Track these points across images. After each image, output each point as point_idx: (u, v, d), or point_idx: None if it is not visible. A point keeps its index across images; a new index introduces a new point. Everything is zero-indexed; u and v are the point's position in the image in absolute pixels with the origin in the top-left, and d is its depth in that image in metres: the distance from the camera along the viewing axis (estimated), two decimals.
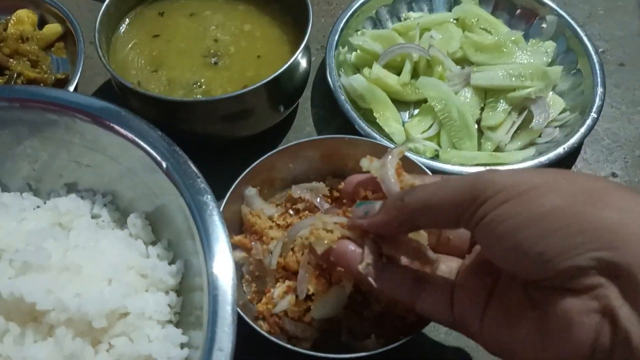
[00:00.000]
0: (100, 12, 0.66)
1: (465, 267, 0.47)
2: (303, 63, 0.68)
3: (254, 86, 0.61)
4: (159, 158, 0.55)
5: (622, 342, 0.34)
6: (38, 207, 0.61)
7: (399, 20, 0.81)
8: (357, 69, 0.76)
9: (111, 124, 0.58)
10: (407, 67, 0.72)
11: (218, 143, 0.70)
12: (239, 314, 0.50)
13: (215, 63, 0.68)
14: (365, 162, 0.50)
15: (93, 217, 0.61)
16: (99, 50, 0.63)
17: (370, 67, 0.73)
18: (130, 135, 0.57)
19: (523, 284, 0.40)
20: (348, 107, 0.69)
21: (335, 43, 0.74)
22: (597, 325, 0.35)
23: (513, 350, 0.40)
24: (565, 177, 0.38)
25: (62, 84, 0.74)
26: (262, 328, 0.54)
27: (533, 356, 0.39)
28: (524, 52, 0.73)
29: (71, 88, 0.71)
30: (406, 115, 0.73)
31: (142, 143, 0.56)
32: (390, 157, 0.48)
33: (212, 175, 0.56)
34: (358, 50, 0.75)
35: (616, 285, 0.34)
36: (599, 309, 0.35)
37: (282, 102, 0.67)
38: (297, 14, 0.70)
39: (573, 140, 0.66)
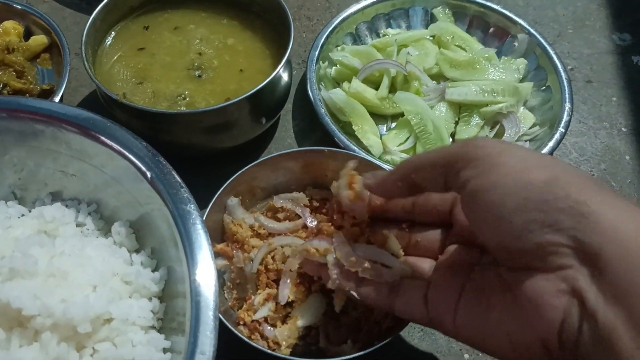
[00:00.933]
0: (87, 25, 0.68)
1: (439, 265, 0.49)
2: (285, 77, 0.71)
3: (237, 99, 0.63)
4: (143, 168, 0.57)
5: (589, 322, 0.36)
6: (23, 215, 0.63)
7: (378, 36, 0.83)
8: (336, 83, 0.78)
9: (97, 135, 0.59)
10: (385, 82, 0.75)
11: (201, 154, 0.72)
12: (220, 319, 0.52)
13: (199, 76, 0.70)
14: (333, 187, 0.55)
15: (78, 225, 0.62)
16: (86, 62, 0.65)
17: (350, 81, 0.76)
18: (115, 145, 0.59)
19: (496, 270, 0.43)
20: (328, 120, 0.71)
21: (315, 58, 0.76)
22: (565, 306, 0.37)
23: (486, 336, 0.43)
24: (550, 157, 0.42)
25: (48, 94, 0.75)
26: (242, 334, 0.55)
27: (505, 339, 0.41)
28: (497, 68, 0.76)
29: (57, 99, 0.72)
30: (384, 128, 0.76)
31: (127, 153, 0.58)
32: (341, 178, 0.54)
33: (195, 185, 0.58)
34: (338, 65, 0.78)
35: (586, 268, 0.37)
36: (568, 291, 0.37)
37: (263, 114, 0.69)
38: (279, 29, 0.72)
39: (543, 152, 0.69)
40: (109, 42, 0.73)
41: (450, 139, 0.73)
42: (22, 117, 0.61)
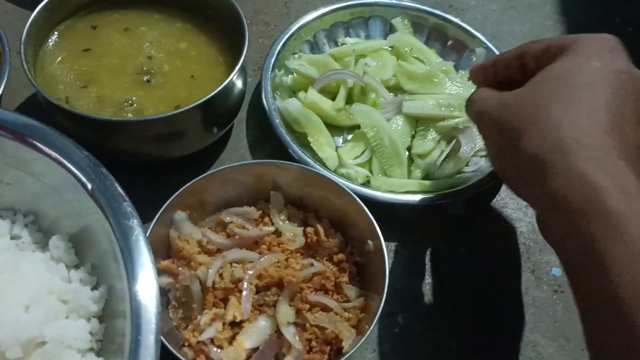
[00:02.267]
0: (28, 23, 0.64)
1: None
2: (239, 84, 0.68)
3: (187, 107, 0.60)
4: (84, 179, 0.54)
5: None
6: None
7: (336, 44, 0.82)
8: (292, 92, 0.76)
9: (35, 142, 0.56)
10: (342, 93, 0.73)
11: (148, 164, 0.69)
12: (162, 342, 0.49)
13: (148, 81, 0.67)
14: None
15: (12, 237, 0.58)
16: (25, 63, 0.61)
17: (306, 91, 0.74)
18: (54, 154, 0.55)
19: None
20: (282, 130, 0.69)
21: (271, 65, 0.74)
22: None
23: None
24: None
25: None
26: (187, 356, 0.53)
27: None
28: (454, 82, 0.75)
29: None
30: (340, 140, 0.74)
31: (67, 163, 0.55)
32: None
33: (141, 197, 0.55)
34: (294, 74, 0.76)
35: None
36: None
37: (215, 123, 0.67)
38: (234, 34, 0.70)
39: None
40: (52, 42, 0.69)
41: (407, 153, 0.71)
42: None
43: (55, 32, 0.69)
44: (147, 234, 0.52)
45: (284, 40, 0.76)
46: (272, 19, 0.86)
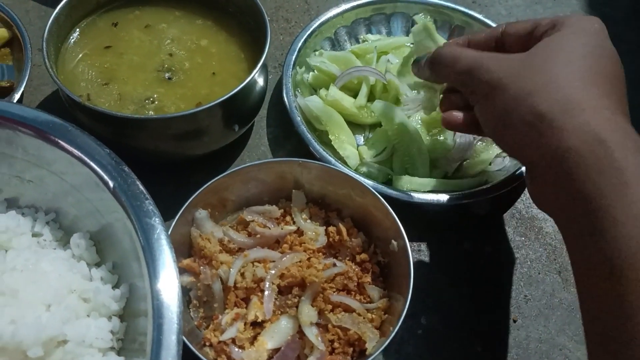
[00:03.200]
0: (50, 21, 0.64)
1: None
2: (260, 82, 0.68)
3: (208, 105, 0.60)
4: (106, 177, 0.53)
5: None
6: None
7: (357, 41, 0.81)
8: (313, 89, 0.75)
9: (57, 140, 0.55)
10: (364, 91, 0.72)
11: (169, 161, 0.68)
12: (184, 342, 0.49)
13: (169, 78, 0.66)
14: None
15: (34, 235, 0.58)
16: (47, 61, 0.61)
17: (327, 88, 0.73)
18: (76, 152, 0.55)
19: None
20: (303, 128, 0.69)
21: (292, 63, 0.73)
22: None
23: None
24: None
25: (7, 92, 0.70)
26: (208, 356, 0.52)
27: None
28: None
29: (16, 96, 0.68)
30: (361, 138, 0.73)
31: (88, 161, 0.54)
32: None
33: (162, 194, 0.55)
34: (315, 71, 0.75)
35: None
36: None
37: (237, 121, 0.66)
38: (255, 31, 0.69)
39: (523, 169, 0.67)
40: (74, 39, 0.69)
41: None
42: None
43: (77, 30, 0.69)
44: (169, 233, 0.52)
45: (304, 37, 0.75)
46: (293, 16, 0.85)
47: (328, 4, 0.86)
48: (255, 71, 0.62)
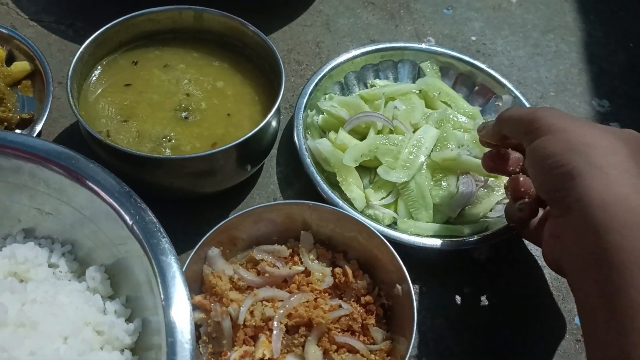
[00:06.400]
0: (74, 60, 0.66)
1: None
2: (273, 124, 0.70)
3: (224, 147, 0.62)
4: (124, 215, 0.55)
5: None
6: None
7: (366, 86, 0.84)
8: (323, 131, 0.78)
9: (79, 176, 0.58)
10: (371, 135, 0.75)
11: (182, 198, 0.70)
12: None
13: (186, 118, 0.69)
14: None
15: (50, 266, 0.60)
16: (71, 99, 0.63)
17: (336, 131, 0.76)
18: (97, 189, 0.57)
19: None
20: (313, 169, 0.71)
21: (304, 105, 0.76)
22: None
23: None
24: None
25: (27, 123, 0.73)
26: None
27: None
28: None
29: (37, 128, 0.70)
30: (367, 181, 0.75)
31: (109, 198, 0.57)
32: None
33: (174, 227, 0.57)
34: (325, 114, 0.78)
35: None
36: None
37: (249, 161, 0.69)
38: (269, 74, 0.72)
39: None
40: (95, 76, 0.71)
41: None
42: (2, 152, 0.59)
43: (99, 67, 0.72)
44: (183, 271, 0.54)
45: (315, 81, 0.78)
46: (304, 58, 0.88)
47: (338, 48, 0.90)
48: (269, 116, 0.65)
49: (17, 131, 0.72)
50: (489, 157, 0.67)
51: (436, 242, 0.67)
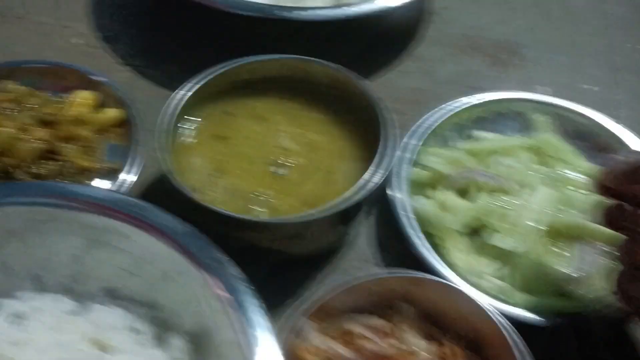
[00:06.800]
0: (165, 110, 0.64)
1: None
2: (373, 182, 0.65)
3: (322, 214, 0.57)
4: (219, 289, 0.51)
5: None
6: (73, 312, 0.58)
7: (469, 137, 0.77)
8: (422, 187, 0.72)
9: (173, 241, 0.54)
10: (478, 196, 0.68)
11: (273, 259, 0.66)
12: None
13: (281, 174, 0.64)
14: None
15: (132, 330, 0.57)
16: (160, 151, 0.61)
17: (438, 188, 0.70)
18: (194, 257, 0.53)
19: None
20: (411, 230, 0.65)
21: (404, 160, 0.70)
22: None
23: None
24: None
25: (114, 174, 0.71)
26: None
27: None
28: None
29: (125, 179, 0.68)
30: (471, 245, 0.68)
31: (205, 270, 0.53)
32: None
33: (262, 289, 0.52)
34: (426, 169, 0.72)
35: None
36: None
37: (345, 222, 0.63)
38: (370, 127, 0.67)
39: None
40: (187, 127, 0.68)
41: None
42: (93, 210, 0.56)
43: (191, 117, 0.69)
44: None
45: (416, 133, 0.73)
46: (404, 107, 0.82)
47: (440, 97, 0.84)
48: (369, 176, 0.60)
49: (104, 182, 0.71)
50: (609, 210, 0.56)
51: (550, 318, 0.60)
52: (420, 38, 0.94)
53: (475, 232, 0.68)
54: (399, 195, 0.68)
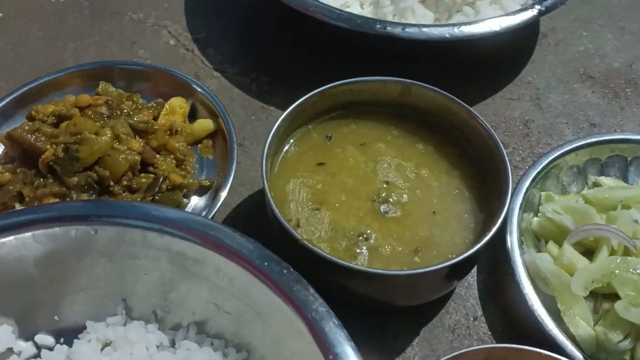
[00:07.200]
0: (271, 135, 0.59)
1: None
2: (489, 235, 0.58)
3: (434, 268, 0.52)
4: (320, 350, 0.46)
5: None
6: (161, 344, 0.54)
7: (586, 182, 0.70)
8: (537, 238, 0.65)
9: (270, 280, 0.50)
10: (603, 254, 0.60)
11: (371, 307, 0.60)
12: None
13: (385, 212, 0.59)
14: None
15: None
16: (265, 181, 0.56)
17: (556, 241, 0.62)
18: (291, 299, 0.48)
19: None
20: (527, 290, 0.58)
21: (519, 206, 0.63)
22: None
23: None
24: None
25: (205, 191, 0.67)
26: None
27: None
28: None
29: (221, 196, 0.63)
30: (593, 310, 0.60)
31: (304, 312, 0.48)
32: None
33: (354, 337, 0.46)
34: (542, 219, 0.65)
35: None
36: None
37: (457, 277, 0.58)
38: (479, 164, 0.62)
39: None
40: (287, 151, 0.64)
41: None
42: (189, 238, 0.52)
43: (291, 140, 0.64)
44: None
45: (532, 176, 0.66)
46: (511, 139, 0.76)
47: (551, 131, 0.77)
48: (485, 227, 0.54)
49: (195, 199, 0.67)
50: None
51: None
52: (527, 61, 0.86)
53: (597, 295, 0.61)
54: (516, 247, 0.61)
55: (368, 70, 0.69)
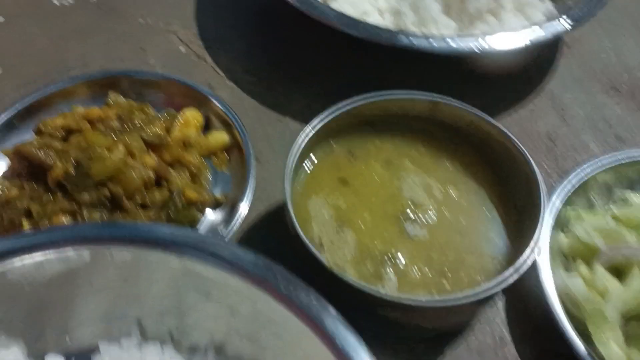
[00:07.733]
0: (292, 154, 0.56)
1: None
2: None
3: (467, 299, 0.49)
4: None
5: None
6: None
7: (615, 198, 0.67)
8: (565, 257, 0.62)
9: (296, 307, 0.47)
10: (636, 278, 0.58)
11: (396, 335, 0.58)
12: None
13: (411, 232, 0.56)
14: None
15: None
16: (289, 202, 0.53)
17: (583, 258, 0.60)
18: (319, 328, 0.46)
19: None
20: (559, 315, 0.56)
21: (551, 226, 0.61)
22: None
23: None
24: None
25: (219, 204, 0.64)
26: None
27: None
28: None
29: (240, 213, 0.61)
30: (622, 331, 0.58)
31: (334, 340, 0.45)
32: None
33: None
34: (571, 238, 0.62)
35: None
36: None
37: (485, 303, 0.55)
38: (507, 183, 0.59)
39: None
40: (308, 168, 0.61)
41: None
42: (209, 261, 0.50)
43: (312, 156, 0.62)
44: None
45: (562, 195, 0.63)
46: (535, 154, 0.73)
47: (577, 145, 0.75)
48: (519, 252, 0.52)
49: (210, 215, 0.64)
50: None
51: None
52: (551, 73, 0.84)
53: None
54: (546, 268, 0.58)
55: (387, 75, 0.66)
